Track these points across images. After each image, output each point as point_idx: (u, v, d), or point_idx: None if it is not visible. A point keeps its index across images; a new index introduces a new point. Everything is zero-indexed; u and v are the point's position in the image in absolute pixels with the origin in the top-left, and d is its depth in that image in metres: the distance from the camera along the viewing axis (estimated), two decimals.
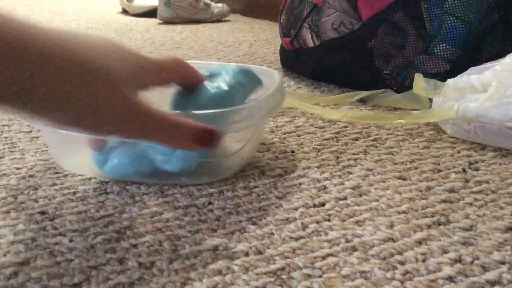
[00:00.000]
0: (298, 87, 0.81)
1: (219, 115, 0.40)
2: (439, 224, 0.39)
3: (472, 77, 0.55)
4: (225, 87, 0.43)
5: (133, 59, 0.36)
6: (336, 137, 0.58)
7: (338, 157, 0.52)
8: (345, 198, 0.43)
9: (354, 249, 0.36)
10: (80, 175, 0.47)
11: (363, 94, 0.71)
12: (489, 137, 0.54)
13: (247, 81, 0.45)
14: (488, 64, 0.56)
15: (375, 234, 0.37)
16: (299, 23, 0.83)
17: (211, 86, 0.43)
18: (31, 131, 0.60)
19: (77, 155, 0.48)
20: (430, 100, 0.64)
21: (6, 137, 0.57)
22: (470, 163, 0.50)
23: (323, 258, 0.35)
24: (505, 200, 0.43)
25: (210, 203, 0.42)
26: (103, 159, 0.45)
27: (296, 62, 0.88)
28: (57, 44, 0.31)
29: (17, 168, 0.49)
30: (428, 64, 0.71)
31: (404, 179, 0.47)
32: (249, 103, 0.43)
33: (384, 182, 0.46)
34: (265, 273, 0.33)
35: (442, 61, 0.71)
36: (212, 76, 0.45)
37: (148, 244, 0.36)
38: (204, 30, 1.51)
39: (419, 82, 0.59)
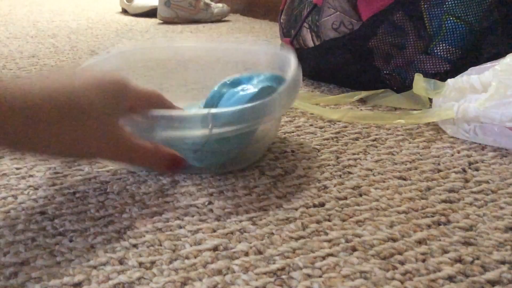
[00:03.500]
0: None
1: (243, 110, 0.42)
2: (439, 224, 0.39)
3: (472, 77, 0.55)
4: (254, 90, 0.46)
5: (113, 89, 0.40)
6: (336, 137, 0.58)
7: (338, 157, 0.52)
8: (345, 198, 0.43)
9: (354, 249, 0.36)
10: (80, 175, 0.47)
11: (363, 94, 0.71)
12: (489, 137, 0.54)
13: (277, 85, 0.48)
14: (488, 64, 0.56)
15: (375, 234, 0.37)
16: (299, 23, 0.83)
17: (241, 90, 0.47)
18: None
19: None
20: (430, 100, 0.64)
21: None
22: (470, 163, 0.50)
23: (323, 258, 0.35)
24: (505, 200, 0.43)
25: (210, 203, 0.42)
26: None
27: None
28: (43, 95, 0.35)
29: (17, 168, 0.49)
30: (428, 64, 0.71)
31: (404, 179, 0.47)
32: (269, 97, 0.44)
33: (384, 182, 0.46)
34: (265, 273, 0.33)
35: (442, 61, 0.71)
36: (243, 81, 0.49)
37: (148, 244, 0.36)
38: (204, 30, 1.51)
39: (419, 82, 0.59)
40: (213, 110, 0.41)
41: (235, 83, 0.50)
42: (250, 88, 0.46)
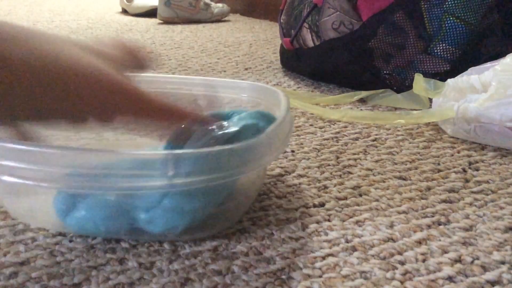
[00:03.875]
0: (298, 87, 0.81)
1: (219, 154, 0.31)
2: (439, 224, 0.39)
3: (472, 77, 0.55)
4: (235, 128, 0.36)
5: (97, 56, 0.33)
6: (336, 137, 0.58)
7: (338, 157, 0.52)
8: (345, 198, 0.43)
9: (354, 249, 0.36)
10: None
11: (363, 94, 0.71)
12: (489, 137, 0.54)
13: (264, 124, 0.38)
14: (488, 64, 0.56)
15: (375, 234, 0.37)
16: (299, 23, 0.83)
17: (217, 128, 0.36)
18: None
19: (29, 201, 0.39)
20: (430, 100, 0.64)
21: None
22: (470, 163, 0.50)
23: (323, 258, 0.35)
24: (505, 200, 0.43)
25: None
26: (67, 207, 0.35)
27: (296, 62, 0.88)
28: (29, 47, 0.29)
29: None
30: (428, 64, 0.71)
31: (404, 179, 0.47)
32: (254, 138, 0.33)
33: (384, 182, 0.46)
34: (265, 274, 0.33)
35: (442, 61, 0.71)
36: (220, 118, 0.39)
37: (148, 244, 0.36)
38: (204, 30, 1.51)
39: (419, 82, 0.59)
40: (176, 151, 0.30)
41: None
42: (229, 126, 0.36)
